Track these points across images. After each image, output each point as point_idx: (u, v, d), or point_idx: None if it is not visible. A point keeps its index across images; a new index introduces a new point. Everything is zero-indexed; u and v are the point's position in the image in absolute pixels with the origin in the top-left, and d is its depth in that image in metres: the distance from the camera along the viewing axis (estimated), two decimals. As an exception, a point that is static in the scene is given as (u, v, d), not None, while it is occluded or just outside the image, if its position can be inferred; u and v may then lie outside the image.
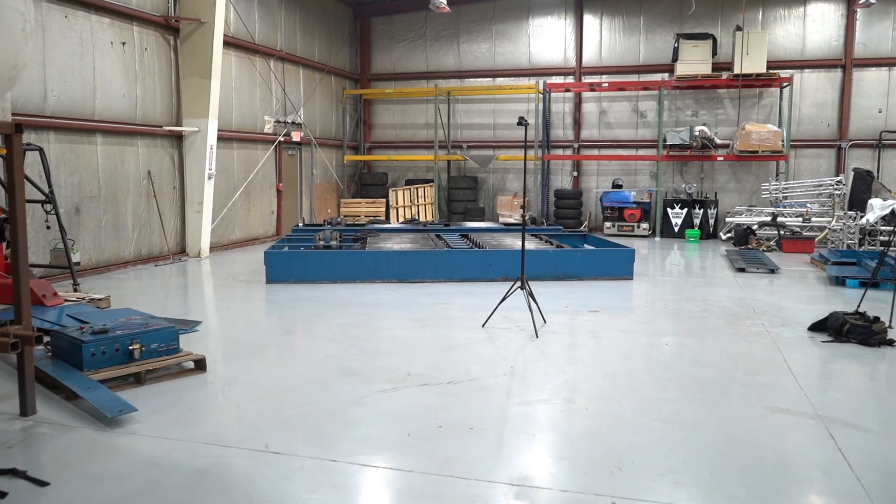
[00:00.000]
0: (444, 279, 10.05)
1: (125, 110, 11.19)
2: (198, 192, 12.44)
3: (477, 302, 8.64)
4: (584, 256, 10.30)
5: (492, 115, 18.78)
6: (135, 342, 5.45)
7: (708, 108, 17.25)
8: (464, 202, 18.31)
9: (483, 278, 10.10)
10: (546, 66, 18.22)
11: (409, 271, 9.97)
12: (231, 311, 8.26)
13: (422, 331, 7.14)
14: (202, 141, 12.35)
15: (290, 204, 16.43)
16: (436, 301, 8.71)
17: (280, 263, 9.85)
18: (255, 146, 14.79)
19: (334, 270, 9.87)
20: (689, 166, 17.44)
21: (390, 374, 5.63)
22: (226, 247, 13.77)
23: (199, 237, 12.52)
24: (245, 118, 14.39)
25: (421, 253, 10.04)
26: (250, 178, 14.55)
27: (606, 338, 6.89)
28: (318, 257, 9.91)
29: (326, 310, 8.17)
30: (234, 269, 11.35)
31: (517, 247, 10.65)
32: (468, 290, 9.42)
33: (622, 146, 17.88)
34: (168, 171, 12.23)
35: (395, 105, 19.55)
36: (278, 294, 9.16)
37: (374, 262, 9.91)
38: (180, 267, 11.48)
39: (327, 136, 18.03)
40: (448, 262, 10.04)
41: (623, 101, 17.85)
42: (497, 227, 13.73)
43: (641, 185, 17.71)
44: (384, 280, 9.95)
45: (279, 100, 15.63)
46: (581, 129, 18.19)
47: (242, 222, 14.46)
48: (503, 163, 18.60)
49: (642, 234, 16.63)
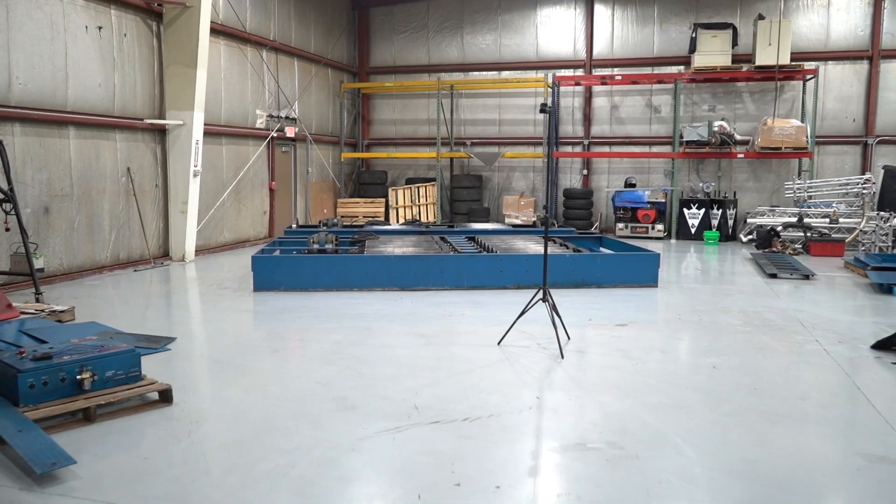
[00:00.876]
0: (450, 287, 9.12)
1: (102, 101, 10.24)
2: (182, 191, 11.50)
3: (488, 314, 7.71)
4: (604, 262, 9.37)
5: (497, 110, 17.85)
6: (85, 370, 4.51)
7: (726, 102, 16.33)
8: (467, 202, 17.37)
9: (493, 286, 9.17)
10: (554, 58, 17.28)
11: (411, 278, 9.04)
12: (212, 324, 7.32)
13: (428, 349, 6.21)
14: (187, 135, 11.40)
15: (283, 204, 15.49)
16: (442, 312, 7.78)
17: (269, 269, 8.91)
18: (245, 142, 13.85)
19: (329, 277, 8.94)
20: (706, 164, 16.52)
21: (394, 406, 4.69)
22: (213, 250, 12.83)
23: (183, 239, 11.58)
24: (235, 112, 13.44)
25: (425, 258, 9.11)
26: (241, 176, 13.60)
27: (643, 359, 5.95)
28: (312, 263, 8.98)
29: (320, 323, 7.23)
30: (221, 274, 10.41)
31: (530, 250, 9.73)
32: (477, 300, 8.49)
33: (635, 143, 16.96)
34: (150, 168, 11.28)
35: (396, 100, 18.61)
36: (267, 304, 8.23)
37: (373, 269, 8.98)
38: (162, 272, 10.54)
39: (323, 132, 17.09)
40: (455, 268, 9.11)
41: (636, 95, 16.92)
42: (505, 229, 12.81)
43: (655, 185, 16.79)
44: (384, 288, 9.02)
45: (272, 93, 14.69)
46: (591, 125, 17.26)
47: (232, 223, 13.52)
48: (509, 161, 17.68)
49: (657, 235, 15.71)
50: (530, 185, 17.77)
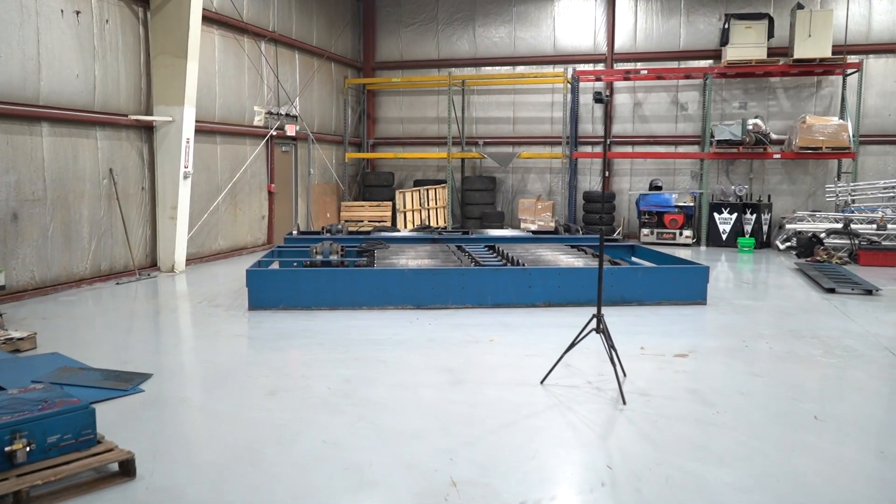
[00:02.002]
0: (472, 305, 8.02)
1: (80, 94, 9.15)
2: (171, 195, 10.41)
3: (521, 339, 6.61)
4: (646, 276, 8.27)
5: (511, 107, 16.74)
6: (18, 437, 3.42)
7: (758, 98, 15.22)
8: (480, 206, 16.26)
9: (521, 304, 8.07)
10: (573, 52, 16.17)
11: (428, 295, 7.94)
12: (198, 354, 6.21)
13: (458, 390, 5.10)
14: (177, 133, 10.31)
15: (283, 208, 14.39)
16: (467, 338, 6.67)
17: (267, 285, 7.81)
18: (242, 141, 12.75)
19: (335, 294, 7.84)
20: (737, 165, 15.41)
21: (425, 481, 3.60)
22: (206, 258, 11.73)
23: (172, 248, 10.48)
24: (231, 108, 12.35)
25: (444, 272, 8.00)
26: (237, 178, 12.51)
27: (722, 405, 4.85)
28: (315, 278, 7.88)
29: (325, 353, 6.13)
30: (214, 287, 9.31)
31: (560, 263, 8.62)
32: (505, 321, 7.39)
33: (659, 142, 15.84)
34: (135, 169, 10.19)
35: (403, 97, 17.50)
36: (263, 326, 7.13)
37: (384, 284, 7.88)
38: (148, 285, 9.44)
39: (326, 131, 15.99)
40: (477, 283, 8.01)
41: (661, 91, 15.81)
42: (525, 236, 11.71)
43: (681, 187, 15.69)
44: (398, 306, 7.92)
45: (271, 88, 13.59)
46: (612, 124, 16.15)
47: (227, 229, 12.42)
48: (524, 162, 16.57)
49: (685, 242, 14.60)
50: (547, 187, 16.66)
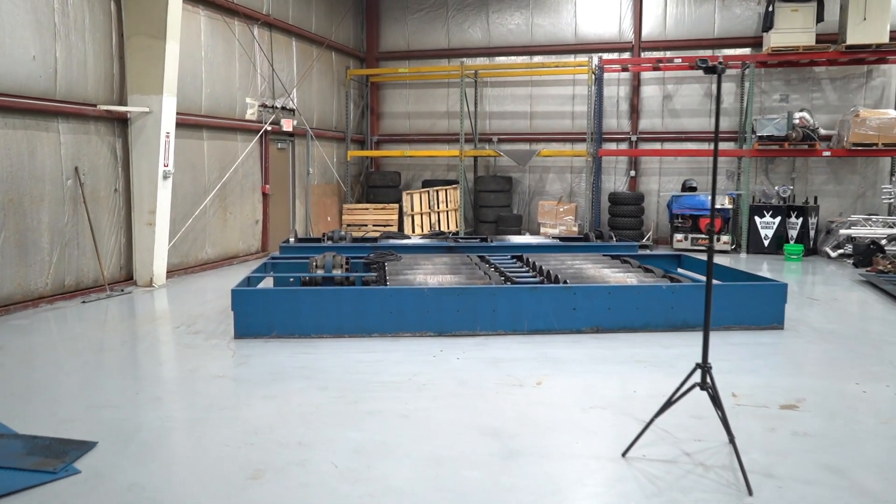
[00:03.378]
0: (504, 331, 6.64)
1: (37, 80, 7.76)
2: (149, 197, 9.02)
3: (575, 381, 5.24)
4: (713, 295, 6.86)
5: (528, 101, 15.36)
6: None
7: (801, 90, 13.85)
8: (495, 208, 14.87)
9: (563, 329, 6.70)
10: (596, 40, 14.80)
11: (453, 319, 6.56)
12: (163, 407, 4.82)
13: (513, 469, 3.72)
14: (154, 126, 8.93)
15: (279, 211, 13.00)
16: (508, 379, 5.29)
17: (257, 308, 6.43)
18: (233, 136, 11.36)
19: (339, 318, 6.46)
20: (777, 164, 14.04)
21: None
22: (192, 269, 10.33)
23: (150, 259, 9.09)
24: (219, 99, 10.96)
25: (471, 291, 6.61)
26: (227, 178, 11.12)
27: (883, 493, 3.46)
28: (315, 298, 6.49)
29: (328, 402, 4.75)
30: (198, 306, 7.92)
31: (609, 278, 7.22)
32: (550, 354, 6.01)
33: (691, 139, 14.47)
34: (106, 168, 8.80)
35: (410, 89, 16.11)
36: (252, 362, 5.74)
37: (400, 306, 6.50)
38: (120, 304, 8.05)
39: (327, 127, 14.60)
40: (512, 304, 6.62)
41: (693, 82, 14.44)
42: (553, 244, 10.32)
43: (717, 188, 14.30)
44: (415, 333, 6.54)
45: (265, 78, 12.20)
46: (639, 118, 14.77)
47: (216, 236, 11.02)
48: (542, 160, 15.19)
49: (723, 248, 13.22)
50: (567, 188, 15.28)
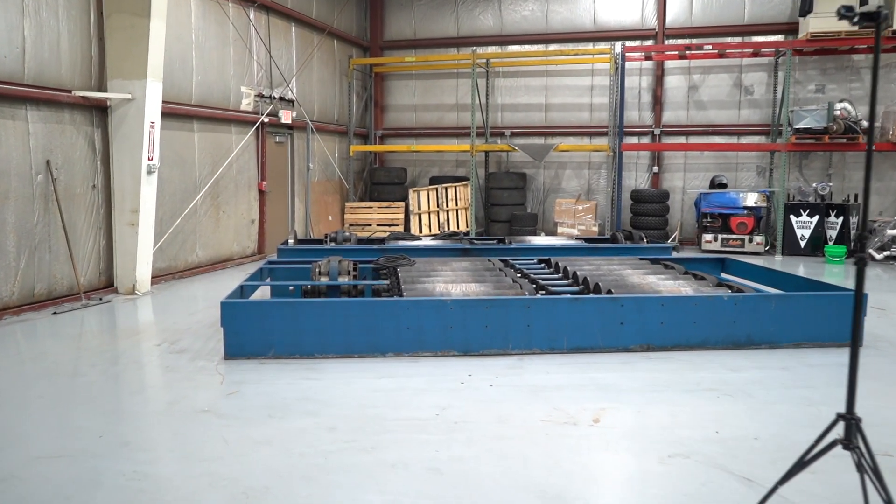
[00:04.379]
0: (541, 349, 5.68)
1: (1, 61, 6.79)
2: (131, 194, 8.05)
3: (639, 417, 4.28)
4: (781, 306, 5.92)
5: (543, 92, 14.40)
6: None
7: (839, 80, 12.90)
8: (508, 206, 13.90)
9: (609, 347, 5.74)
10: (616, 28, 13.85)
11: (480, 336, 5.60)
12: (128, 459, 3.83)
13: (593, 558, 2.76)
14: (137, 114, 7.96)
15: (277, 209, 12.03)
16: (555, 414, 4.33)
17: (250, 323, 5.46)
18: (226, 128, 10.39)
19: (348, 335, 5.49)
20: (811, 159, 13.09)
21: None
22: (181, 274, 9.36)
23: (133, 263, 8.12)
24: (212, 88, 9.99)
25: (502, 303, 5.65)
26: (219, 174, 10.15)
27: None
28: (319, 311, 5.52)
29: (338, 449, 3.78)
30: (184, 317, 6.96)
31: (660, 288, 6.25)
32: (600, 380, 5.05)
33: (718, 132, 13.52)
34: (83, 162, 7.83)
35: (416, 80, 15.14)
36: (243, 392, 4.77)
37: (419, 321, 5.53)
38: (96, 315, 7.08)
39: (328, 120, 13.63)
40: (549, 318, 5.66)
41: (721, 72, 13.48)
42: (580, 246, 9.36)
43: (744, 184, 13.38)
44: (437, 352, 5.59)
45: (262, 66, 11.23)
46: (663, 111, 13.82)
47: (207, 237, 10.06)
48: (558, 155, 14.22)
49: (755, 249, 12.26)
50: (585, 185, 14.32)
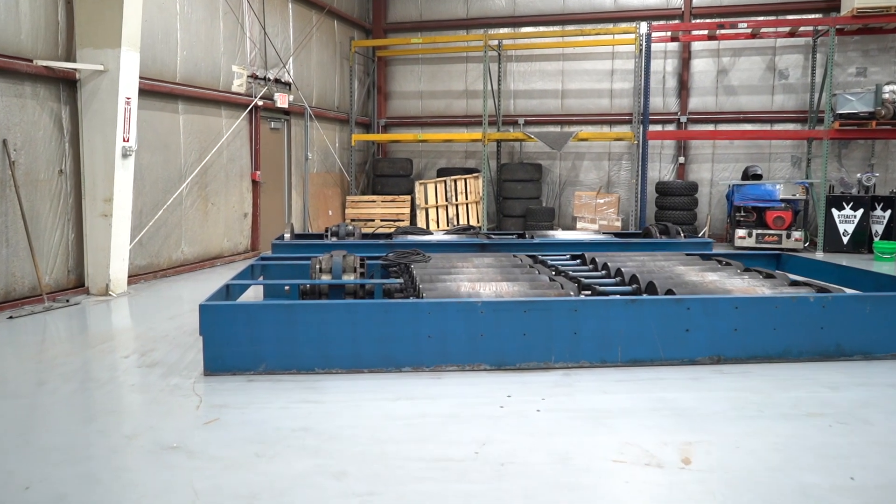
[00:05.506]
0: (590, 362, 4.67)
1: (-56, 19, 5.79)
2: (104, 181, 7.02)
3: (741, 456, 3.28)
4: (876, 309, 4.91)
5: (559, 77, 13.39)
6: None
7: (882, 62, 11.90)
8: (523, 200, 12.88)
9: (672, 359, 4.73)
10: (639, 7, 12.85)
11: (516, 346, 4.59)
12: (68, 511, 2.83)
13: None
14: (111, 89, 6.93)
15: (272, 202, 11.00)
16: (630, 451, 3.31)
17: (236, 330, 4.44)
18: (216, 110, 9.37)
19: (356, 345, 4.48)
20: (851, 148, 12.10)
21: None
22: (164, 273, 8.33)
23: (106, 260, 7.09)
24: (199, 65, 8.96)
25: (544, 306, 4.63)
26: (208, 161, 9.13)
27: None
28: (321, 316, 4.50)
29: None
30: (163, 322, 5.94)
31: (728, 287, 5.22)
32: (669, 401, 4.04)
33: (750, 119, 12.52)
34: (47, 143, 6.80)
35: (423, 65, 14.13)
36: (225, 420, 3.75)
37: (442, 327, 4.52)
38: (60, 320, 6.06)
39: (328, 106, 12.61)
40: (600, 323, 4.65)
41: (752, 54, 12.48)
42: (610, 241, 8.33)
43: (777, 175, 12.39)
44: (464, 366, 4.57)
45: (256, 44, 10.21)
46: (689, 97, 12.82)
47: (195, 231, 9.03)
48: (575, 146, 13.21)
49: (793, 246, 11.24)
50: (604, 177, 13.31)
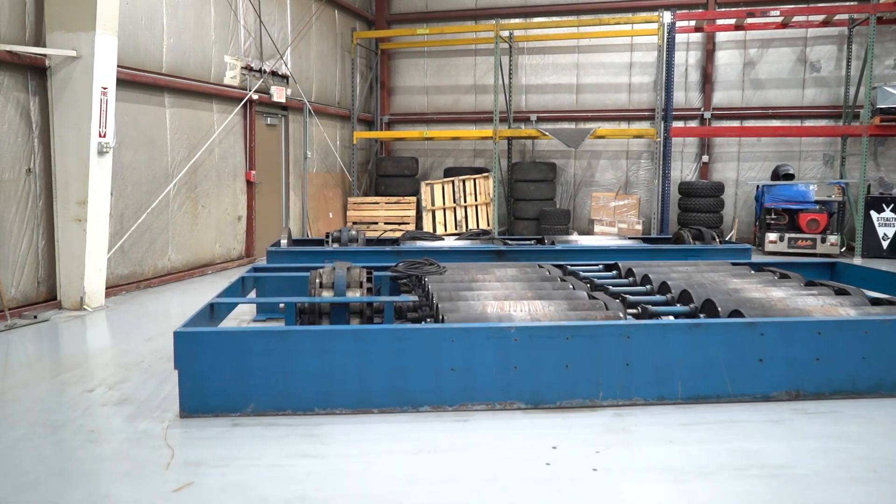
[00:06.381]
0: (645, 399, 3.89)
1: None
2: (78, 182, 6.25)
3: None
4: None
5: (574, 71, 12.62)
6: None
7: (921, 54, 11.15)
8: (536, 202, 12.09)
9: (742, 395, 3.95)
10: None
11: (557, 379, 3.81)
12: None
13: None
14: (85, 78, 6.16)
15: (269, 204, 10.23)
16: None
17: (218, 363, 3.66)
18: (206, 104, 8.60)
19: (364, 379, 3.70)
20: (888, 146, 11.33)
21: None
22: (149, 282, 7.55)
23: (80, 270, 6.32)
24: (188, 54, 8.19)
25: (591, 332, 3.85)
26: (198, 160, 8.35)
27: None
28: (322, 344, 3.72)
29: None
30: (141, 343, 5.16)
31: (805, 307, 4.44)
32: (754, 454, 3.26)
33: (778, 115, 11.75)
34: (13, 138, 6.02)
35: (428, 59, 13.36)
36: (203, 484, 2.96)
37: (467, 358, 3.75)
38: (23, 341, 5.28)
39: (328, 102, 11.84)
40: (657, 351, 3.87)
41: (781, 45, 11.71)
42: (639, 247, 7.53)
43: (808, 175, 11.63)
44: (494, 405, 3.79)
45: (251, 33, 9.44)
46: (713, 91, 12.04)
47: (183, 237, 8.25)
48: (591, 144, 12.41)
49: (829, 251, 10.47)
50: (622, 176, 12.53)
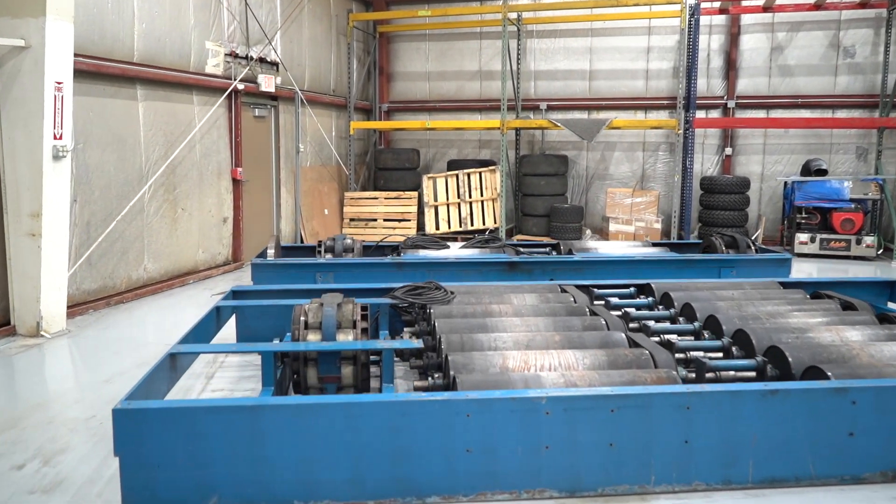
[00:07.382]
0: (706, 484, 3.12)
1: None
2: (31, 191, 5.44)
3: None
4: None
5: (587, 56, 11.73)
6: None
7: (966, 38, 10.27)
8: (546, 198, 11.25)
9: (826, 477, 3.18)
10: (680, -26, 11.16)
11: (597, 462, 3.04)
12: None
13: None
14: (35, 71, 5.33)
15: (258, 202, 9.41)
16: None
17: (171, 449, 2.87)
18: (186, 96, 7.74)
19: (357, 465, 2.93)
20: (927, 138, 10.50)
21: None
22: (122, 297, 6.75)
23: (36, 291, 5.53)
24: (163, 41, 7.32)
25: (640, 402, 3.07)
26: (176, 157, 7.52)
27: None
28: (301, 422, 2.93)
29: None
30: (97, 389, 4.39)
31: (889, 355, 3.65)
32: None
33: (808, 105, 10.89)
34: (-50, 142, 5.21)
35: (430, 42, 12.44)
36: None
37: (486, 436, 2.97)
38: (-46, 384, 4.51)
39: (322, 90, 10.97)
40: (722, 426, 3.09)
41: (813, 28, 10.81)
42: (668, 258, 6.72)
43: (839, 170, 10.80)
44: (520, 494, 3.02)
45: (236, 16, 8.56)
46: (737, 78, 11.17)
47: (160, 243, 7.44)
48: (604, 135, 11.51)
49: (864, 253, 9.68)
50: (638, 170, 11.70)
